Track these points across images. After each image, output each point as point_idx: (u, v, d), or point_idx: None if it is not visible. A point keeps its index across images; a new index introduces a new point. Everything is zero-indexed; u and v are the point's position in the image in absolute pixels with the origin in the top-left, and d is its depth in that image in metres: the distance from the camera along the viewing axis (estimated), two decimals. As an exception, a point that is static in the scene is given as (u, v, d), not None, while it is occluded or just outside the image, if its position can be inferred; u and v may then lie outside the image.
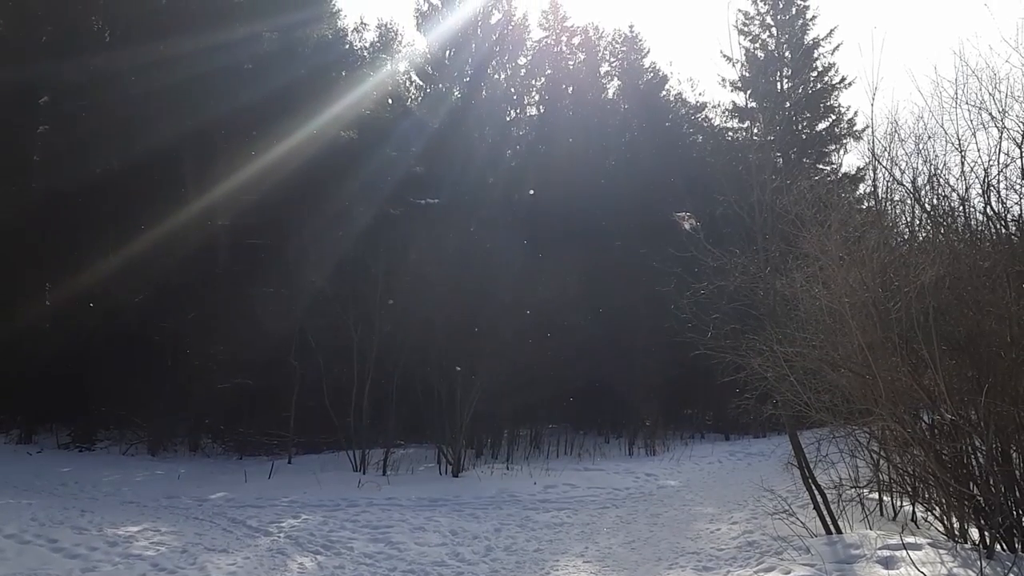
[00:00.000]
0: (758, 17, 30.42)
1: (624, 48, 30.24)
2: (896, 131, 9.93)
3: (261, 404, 18.16)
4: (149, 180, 19.37)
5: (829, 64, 29.77)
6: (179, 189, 19.29)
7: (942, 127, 9.25)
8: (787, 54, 30.10)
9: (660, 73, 29.86)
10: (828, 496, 9.28)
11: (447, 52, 24.93)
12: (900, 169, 9.98)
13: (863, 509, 9.93)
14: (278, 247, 19.13)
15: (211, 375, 18.13)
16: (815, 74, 29.91)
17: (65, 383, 18.25)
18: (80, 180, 18.34)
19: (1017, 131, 8.63)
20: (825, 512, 9.08)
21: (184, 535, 9.67)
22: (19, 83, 18.26)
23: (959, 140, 9.04)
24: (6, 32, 19.39)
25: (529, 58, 27.01)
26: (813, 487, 9.29)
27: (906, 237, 10.52)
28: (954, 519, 7.76)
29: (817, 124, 29.97)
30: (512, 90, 26.53)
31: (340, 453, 16.61)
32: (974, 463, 7.55)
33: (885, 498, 10.12)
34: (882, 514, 9.98)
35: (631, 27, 30.40)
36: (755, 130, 28.46)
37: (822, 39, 29.79)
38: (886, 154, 10.07)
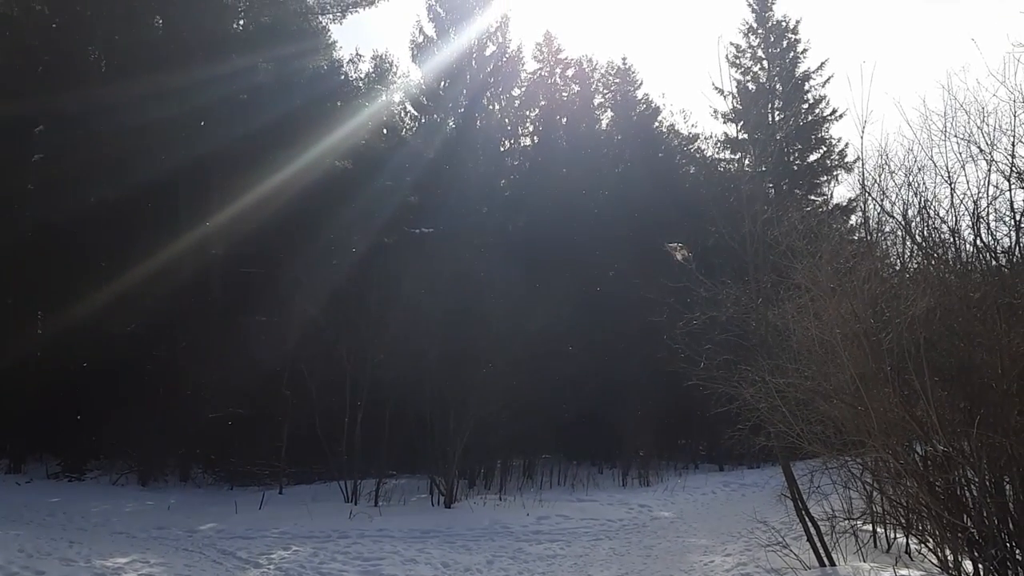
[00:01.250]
0: (749, 50, 30.72)
1: (617, 80, 30.53)
2: (886, 163, 9.98)
3: (253, 434, 18.02)
4: (143, 210, 19.47)
5: (820, 96, 30.04)
6: (173, 219, 19.36)
7: (931, 160, 9.33)
8: (778, 86, 30.36)
9: (653, 105, 30.13)
10: (821, 528, 9.25)
11: (442, 83, 25.15)
12: (890, 201, 10.03)
13: (857, 541, 9.88)
14: (272, 277, 19.13)
15: (203, 405, 18.06)
16: (806, 106, 30.15)
17: (56, 412, 18.17)
18: (74, 210, 18.39)
19: (1005, 164, 8.74)
20: (819, 544, 9.05)
21: (173, 567, 9.57)
22: (15, 113, 18.37)
23: (948, 172, 9.13)
24: (2, 62, 19.50)
25: (523, 89, 27.22)
26: (806, 519, 9.26)
27: (897, 268, 10.57)
28: (948, 551, 7.72)
29: (808, 156, 30.16)
30: (506, 121, 26.72)
31: (332, 484, 16.49)
32: (967, 495, 7.53)
33: (879, 530, 10.09)
34: (876, 546, 9.95)
35: (624, 59, 30.76)
36: (747, 161, 28.57)
37: (813, 72, 30.08)
38: (876, 186, 10.13)
